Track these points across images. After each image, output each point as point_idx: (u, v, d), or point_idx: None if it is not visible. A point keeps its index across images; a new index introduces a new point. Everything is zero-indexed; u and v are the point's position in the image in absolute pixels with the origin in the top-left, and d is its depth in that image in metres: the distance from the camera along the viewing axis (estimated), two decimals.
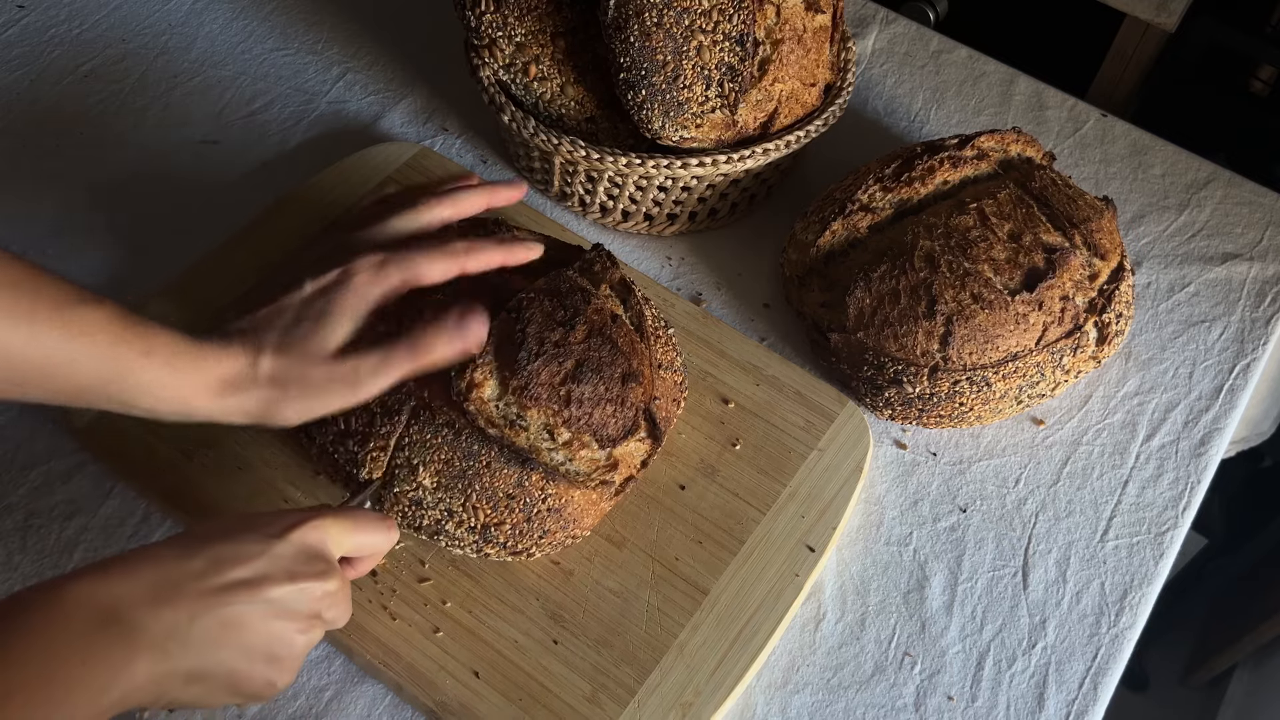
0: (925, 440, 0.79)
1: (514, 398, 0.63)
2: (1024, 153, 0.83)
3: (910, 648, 0.70)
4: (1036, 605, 0.72)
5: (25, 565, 0.71)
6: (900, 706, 0.68)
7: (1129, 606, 0.72)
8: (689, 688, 0.65)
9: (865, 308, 0.75)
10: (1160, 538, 0.75)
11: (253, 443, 0.74)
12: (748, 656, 0.66)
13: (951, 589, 0.72)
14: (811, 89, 0.83)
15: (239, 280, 0.82)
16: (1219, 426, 0.80)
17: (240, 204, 0.88)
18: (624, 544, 0.70)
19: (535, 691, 0.65)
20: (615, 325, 0.66)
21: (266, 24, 1.03)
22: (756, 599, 0.69)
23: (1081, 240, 0.76)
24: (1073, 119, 0.99)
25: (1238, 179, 0.95)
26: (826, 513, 0.72)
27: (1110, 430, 0.80)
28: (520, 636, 0.67)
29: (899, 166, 0.80)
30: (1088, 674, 0.69)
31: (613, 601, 0.68)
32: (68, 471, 0.75)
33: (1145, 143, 0.98)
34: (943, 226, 0.76)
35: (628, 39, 0.75)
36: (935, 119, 0.99)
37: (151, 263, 0.85)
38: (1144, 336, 0.85)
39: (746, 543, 0.71)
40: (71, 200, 0.89)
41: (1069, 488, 0.77)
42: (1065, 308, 0.74)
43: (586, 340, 0.64)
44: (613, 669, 0.66)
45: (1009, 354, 0.74)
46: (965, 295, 0.73)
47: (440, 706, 0.64)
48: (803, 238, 0.81)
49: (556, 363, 0.63)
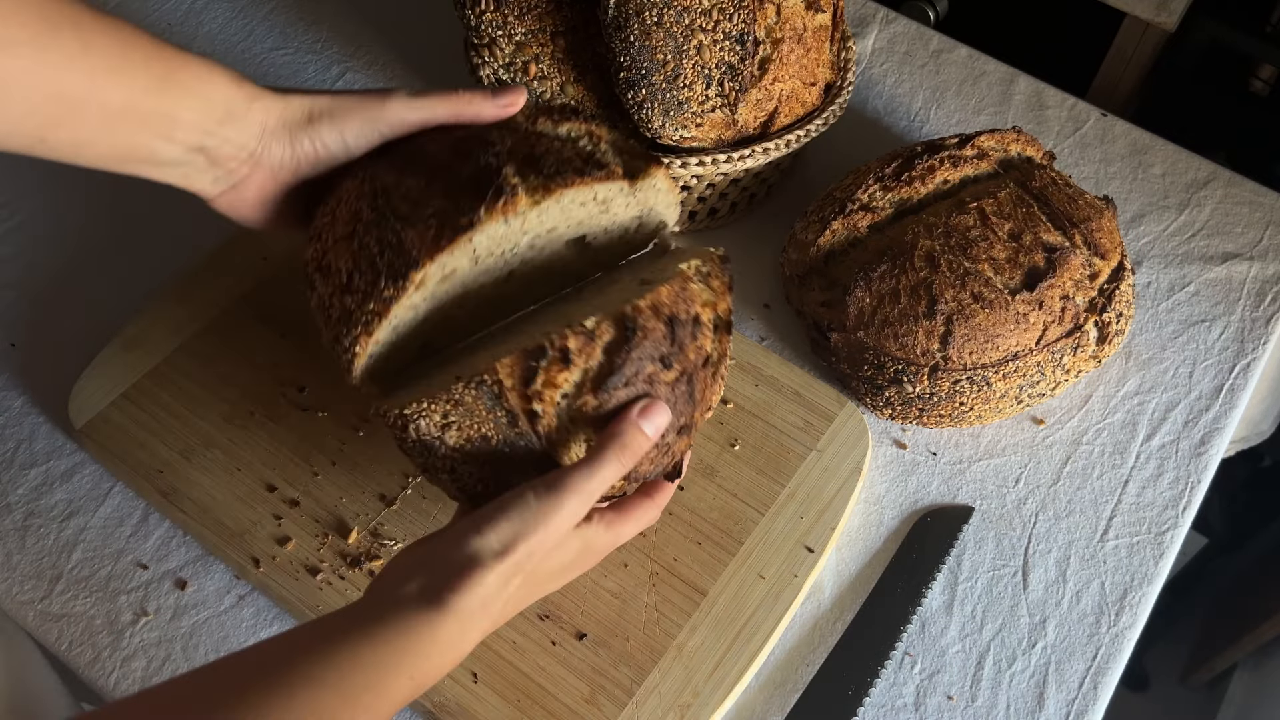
0: (925, 440, 0.79)
1: (580, 411, 0.59)
2: (1024, 152, 0.83)
3: (910, 647, 0.70)
4: (1036, 605, 0.72)
5: (25, 565, 0.71)
6: (900, 706, 0.68)
7: (1129, 606, 0.72)
8: (687, 689, 0.65)
9: (865, 307, 0.75)
10: (1160, 537, 0.75)
11: (251, 443, 0.74)
12: (746, 657, 0.66)
13: (951, 588, 0.72)
14: (812, 88, 0.83)
15: (239, 280, 0.82)
16: (1219, 426, 0.80)
17: None
18: (622, 545, 0.70)
19: (533, 693, 0.65)
20: (702, 369, 0.63)
21: (266, 23, 1.03)
22: (755, 600, 0.68)
23: (1082, 240, 0.76)
24: (1073, 119, 0.99)
25: (1238, 178, 0.95)
26: (825, 513, 0.72)
27: (1110, 430, 0.80)
28: (518, 637, 0.67)
29: (899, 166, 0.80)
30: (1088, 674, 0.69)
31: (611, 602, 0.68)
32: (68, 471, 0.75)
33: (1145, 142, 0.97)
34: (943, 226, 0.76)
35: (628, 38, 0.75)
36: (935, 118, 0.99)
37: (152, 263, 0.85)
38: (1144, 336, 0.85)
39: (745, 543, 0.70)
40: (71, 200, 0.89)
41: (1069, 487, 0.77)
42: (1065, 307, 0.74)
43: (673, 384, 0.60)
44: (611, 670, 0.66)
45: (1009, 353, 0.74)
46: (965, 295, 0.73)
47: (438, 708, 0.64)
48: (803, 237, 0.81)
49: (636, 397, 0.59)
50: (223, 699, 0.44)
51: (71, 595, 0.70)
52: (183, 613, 0.70)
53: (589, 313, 0.57)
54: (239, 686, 0.45)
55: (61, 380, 0.77)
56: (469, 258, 0.58)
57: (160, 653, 0.68)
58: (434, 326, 0.61)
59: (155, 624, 0.69)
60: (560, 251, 0.63)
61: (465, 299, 0.61)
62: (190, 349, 0.78)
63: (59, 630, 0.69)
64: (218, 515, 0.71)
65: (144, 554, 0.72)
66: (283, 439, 0.74)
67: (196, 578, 0.71)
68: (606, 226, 0.64)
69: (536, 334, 0.58)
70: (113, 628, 0.69)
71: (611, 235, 0.65)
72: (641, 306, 0.57)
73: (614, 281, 0.65)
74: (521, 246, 0.61)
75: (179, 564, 0.72)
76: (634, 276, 0.64)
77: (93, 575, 0.71)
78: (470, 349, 0.62)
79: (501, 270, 0.61)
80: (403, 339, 0.59)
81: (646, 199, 0.64)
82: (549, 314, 0.63)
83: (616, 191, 0.62)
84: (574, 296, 0.65)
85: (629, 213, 0.64)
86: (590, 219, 0.63)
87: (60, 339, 0.81)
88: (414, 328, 0.59)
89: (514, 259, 0.61)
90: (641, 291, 0.59)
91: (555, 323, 0.59)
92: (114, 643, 0.69)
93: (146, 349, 0.78)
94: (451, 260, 0.56)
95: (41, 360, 0.80)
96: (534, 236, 0.60)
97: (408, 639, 0.48)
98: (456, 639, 0.49)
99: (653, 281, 0.60)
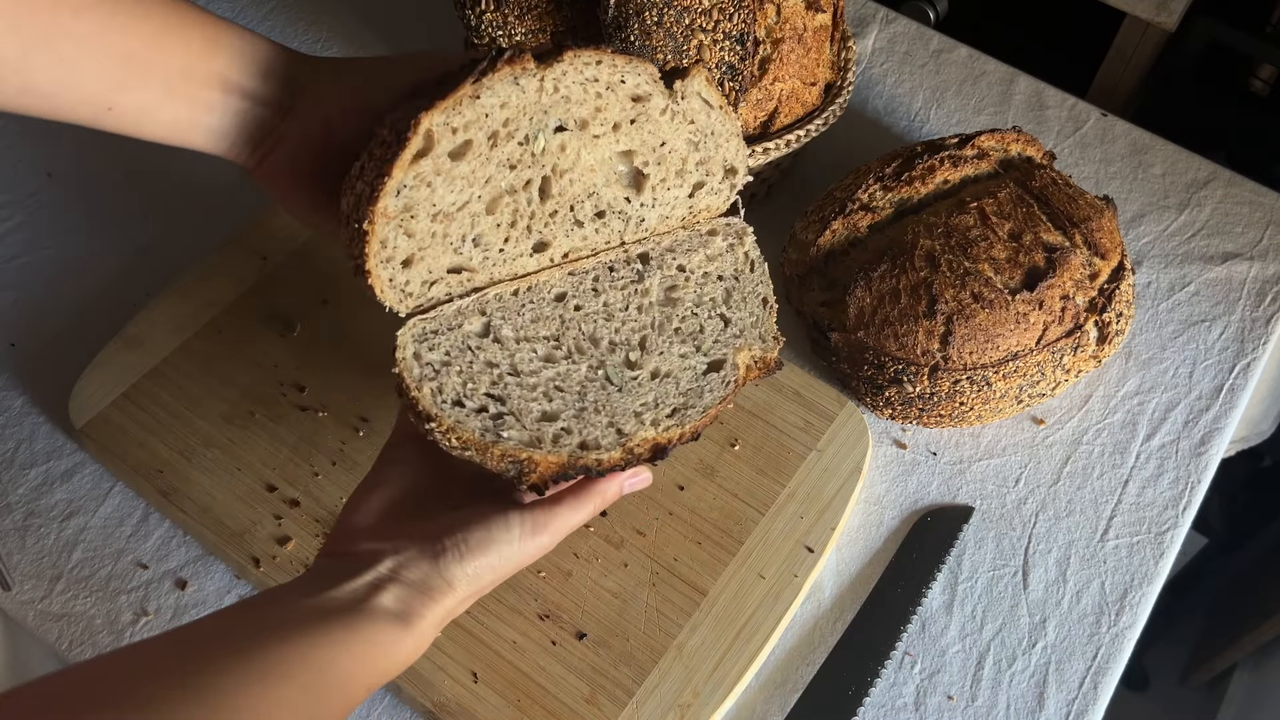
0: (925, 440, 0.79)
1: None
2: (1024, 152, 0.83)
3: (910, 647, 0.70)
4: (1036, 605, 0.72)
5: (25, 565, 0.71)
6: (900, 706, 0.68)
7: (1129, 606, 0.72)
8: (687, 688, 0.65)
9: (865, 307, 0.75)
10: (1160, 537, 0.75)
11: (251, 443, 0.74)
12: (746, 657, 0.66)
13: (951, 588, 0.72)
14: (812, 88, 0.83)
15: (239, 280, 0.82)
16: (1219, 426, 0.80)
17: (240, 204, 0.88)
18: (622, 544, 0.70)
19: (533, 692, 0.65)
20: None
21: (266, 23, 1.03)
22: (755, 600, 0.68)
23: (1082, 239, 0.76)
24: (1073, 118, 0.99)
25: (1238, 178, 0.95)
26: (825, 513, 0.72)
27: (1110, 430, 0.80)
28: (518, 637, 0.67)
29: (899, 166, 0.80)
30: (1088, 673, 0.69)
31: (611, 602, 0.68)
32: (68, 471, 0.75)
33: (1145, 142, 0.97)
34: (943, 226, 0.76)
35: (628, 38, 0.75)
36: (935, 118, 0.99)
37: (152, 263, 0.85)
38: (1144, 336, 0.85)
39: (745, 543, 0.70)
40: (71, 201, 0.89)
41: (1069, 487, 0.77)
42: (1065, 307, 0.74)
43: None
44: (611, 670, 0.66)
45: (1009, 353, 0.74)
46: (965, 294, 0.73)
47: (438, 707, 0.64)
48: (803, 237, 0.81)
49: None
50: (195, 676, 0.44)
51: (71, 595, 0.70)
52: (183, 613, 0.70)
53: (638, 302, 0.58)
54: (213, 664, 0.45)
55: (61, 380, 0.77)
56: (482, 128, 0.52)
57: None
58: (467, 244, 0.55)
59: (155, 624, 0.69)
60: (614, 188, 0.58)
61: (498, 208, 0.55)
62: (190, 349, 0.78)
63: (59, 630, 0.69)
64: (218, 515, 0.71)
65: (144, 554, 0.72)
66: (283, 439, 0.74)
67: (196, 578, 0.71)
68: (654, 147, 0.58)
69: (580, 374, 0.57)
70: (113, 628, 0.69)
71: (668, 169, 0.60)
72: (683, 433, 0.57)
73: (679, 260, 0.62)
74: (550, 137, 0.55)
75: (179, 564, 0.72)
76: (706, 258, 0.62)
77: (93, 575, 0.71)
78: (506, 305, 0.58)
79: (533, 171, 0.55)
80: (425, 240, 0.54)
81: (696, 115, 0.58)
82: (599, 281, 0.60)
83: (649, 85, 0.56)
84: (632, 268, 0.61)
85: (677, 132, 0.59)
86: (629, 128, 0.57)
87: (60, 339, 0.81)
88: (435, 222, 0.53)
89: (546, 161, 0.55)
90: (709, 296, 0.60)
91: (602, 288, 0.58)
92: (114, 642, 0.69)
93: (146, 349, 0.78)
94: (459, 118, 0.51)
95: (41, 360, 0.80)
96: (560, 118, 0.55)
97: (376, 652, 0.49)
98: (411, 653, 0.51)
99: (724, 281, 0.61)
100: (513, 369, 0.56)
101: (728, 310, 0.62)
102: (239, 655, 0.45)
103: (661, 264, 0.62)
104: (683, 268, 0.62)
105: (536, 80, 0.53)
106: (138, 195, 0.89)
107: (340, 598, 0.50)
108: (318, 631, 0.48)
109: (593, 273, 0.60)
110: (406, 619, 0.50)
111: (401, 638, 0.50)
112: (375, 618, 0.49)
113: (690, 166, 0.60)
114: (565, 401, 0.56)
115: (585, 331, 0.59)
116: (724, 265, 0.63)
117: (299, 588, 0.51)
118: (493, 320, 0.57)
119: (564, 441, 0.55)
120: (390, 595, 0.50)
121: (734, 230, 0.64)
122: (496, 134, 0.53)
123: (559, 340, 0.58)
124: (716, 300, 0.62)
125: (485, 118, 0.52)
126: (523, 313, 0.58)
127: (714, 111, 0.59)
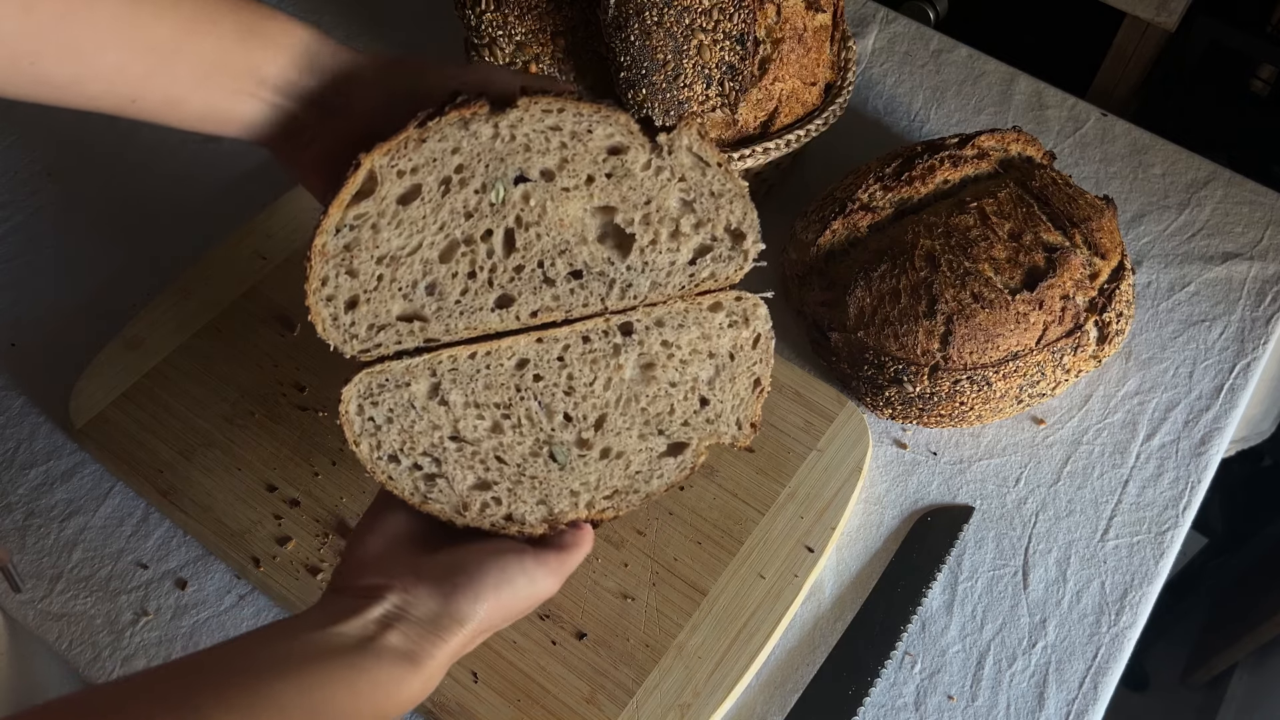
0: (925, 439, 0.79)
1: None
2: (1024, 152, 0.83)
3: (910, 647, 0.70)
4: (1036, 604, 0.72)
5: (25, 565, 0.71)
6: (900, 706, 0.68)
7: (1129, 606, 0.72)
8: (688, 688, 0.65)
9: (865, 307, 0.75)
10: (1160, 537, 0.75)
11: (251, 443, 0.74)
12: (746, 657, 0.66)
13: (951, 588, 0.72)
14: (812, 88, 0.83)
15: (239, 280, 0.82)
16: (1219, 426, 0.80)
17: (240, 204, 0.88)
18: (623, 544, 0.70)
19: (534, 692, 0.65)
20: None
21: None
22: (755, 599, 0.68)
23: (1082, 239, 0.76)
24: (1073, 118, 0.99)
25: (1238, 178, 0.95)
26: (826, 513, 0.72)
27: (1110, 430, 0.80)
28: (518, 637, 0.67)
29: (899, 166, 0.80)
30: (1088, 673, 0.69)
31: (611, 602, 0.68)
32: (68, 471, 0.75)
33: (1145, 142, 0.97)
34: (943, 226, 0.76)
35: (628, 38, 0.75)
36: (935, 118, 0.99)
37: (152, 262, 0.86)
38: (1144, 336, 0.85)
39: (745, 543, 0.70)
40: (72, 201, 0.89)
41: (1069, 487, 0.77)
42: (1066, 307, 0.74)
43: None
44: (611, 670, 0.66)
45: (1009, 353, 0.74)
46: (966, 294, 0.73)
47: (438, 707, 0.64)
48: (803, 237, 0.81)
49: None
50: (193, 714, 0.43)
51: (72, 595, 0.70)
52: (183, 612, 0.70)
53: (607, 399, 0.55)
54: (214, 697, 0.44)
55: (61, 380, 0.78)
56: (433, 173, 0.51)
57: (160, 652, 0.68)
58: (427, 290, 0.53)
59: (155, 624, 0.69)
60: (592, 247, 0.54)
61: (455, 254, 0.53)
62: (190, 349, 0.78)
63: (59, 630, 0.69)
64: (218, 515, 0.71)
65: (144, 554, 0.72)
66: (283, 439, 0.74)
67: (197, 577, 0.71)
68: (638, 205, 0.54)
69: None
70: (113, 627, 0.69)
71: (658, 230, 0.54)
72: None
73: (666, 336, 0.56)
74: (510, 187, 0.52)
75: (179, 564, 0.72)
76: (700, 336, 0.56)
77: (93, 575, 0.71)
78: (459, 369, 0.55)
79: (493, 221, 0.52)
80: (370, 282, 0.52)
81: (687, 172, 0.54)
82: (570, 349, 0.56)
83: (624, 136, 0.52)
84: (609, 341, 0.56)
85: (665, 190, 0.54)
86: (605, 183, 0.53)
87: (60, 339, 0.81)
88: (381, 265, 0.52)
89: (508, 212, 0.52)
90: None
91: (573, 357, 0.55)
92: (114, 642, 0.69)
93: (146, 349, 0.78)
94: (405, 161, 0.50)
95: (41, 360, 0.80)
96: (521, 167, 0.52)
97: (379, 693, 0.48)
98: (419, 693, 0.50)
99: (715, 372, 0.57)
100: (455, 434, 0.54)
101: (710, 391, 0.57)
102: (240, 690, 0.44)
103: (644, 339, 0.56)
104: (668, 343, 0.56)
105: (490, 126, 0.51)
106: (138, 195, 0.89)
107: (347, 634, 0.49)
108: (321, 670, 0.47)
109: (563, 341, 0.55)
110: (415, 659, 0.49)
111: (408, 677, 0.49)
112: (381, 657, 0.48)
113: (686, 229, 0.55)
114: (502, 474, 0.55)
115: (541, 403, 0.55)
116: (720, 343, 0.57)
117: (308, 622, 0.49)
118: (442, 382, 0.54)
119: (490, 512, 0.54)
120: (398, 634, 0.49)
121: (742, 307, 0.58)
122: (449, 180, 0.51)
123: (509, 410, 0.55)
124: (699, 380, 0.57)
125: (434, 162, 0.51)
126: (476, 378, 0.54)
127: (710, 169, 0.54)
